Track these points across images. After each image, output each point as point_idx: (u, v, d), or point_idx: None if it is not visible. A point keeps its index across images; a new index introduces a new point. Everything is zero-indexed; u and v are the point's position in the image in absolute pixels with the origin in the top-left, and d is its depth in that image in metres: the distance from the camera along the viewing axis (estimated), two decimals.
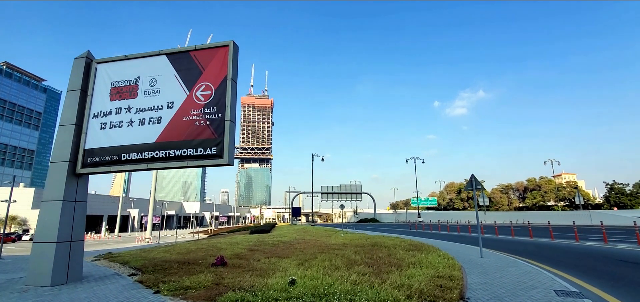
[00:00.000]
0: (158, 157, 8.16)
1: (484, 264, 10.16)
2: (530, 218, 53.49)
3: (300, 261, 10.39)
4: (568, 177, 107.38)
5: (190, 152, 7.97)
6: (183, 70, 8.67)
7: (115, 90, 9.08)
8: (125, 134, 8.58)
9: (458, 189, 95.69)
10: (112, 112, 8.88)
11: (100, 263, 13.32)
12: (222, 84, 8.26)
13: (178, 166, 8.03)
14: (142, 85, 8.88)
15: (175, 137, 8.18)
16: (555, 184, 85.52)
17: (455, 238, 22.97)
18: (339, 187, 74.43)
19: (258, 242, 19.73)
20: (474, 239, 22.18)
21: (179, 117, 8.29)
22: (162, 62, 8.90)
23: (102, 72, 9.36)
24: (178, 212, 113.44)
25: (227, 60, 8.38)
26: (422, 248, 12.74)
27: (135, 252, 16.57)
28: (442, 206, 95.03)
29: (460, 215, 70.99)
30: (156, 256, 14.18)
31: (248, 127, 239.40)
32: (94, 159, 8.62)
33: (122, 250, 21.63)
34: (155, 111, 8.53)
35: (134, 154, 8.33)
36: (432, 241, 18.11)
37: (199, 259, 12.20)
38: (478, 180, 11.50)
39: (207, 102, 8.21)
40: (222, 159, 7.73)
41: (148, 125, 8.48)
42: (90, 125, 8.94)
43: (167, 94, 8.60)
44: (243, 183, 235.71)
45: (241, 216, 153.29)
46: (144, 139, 8.38)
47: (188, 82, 8.54)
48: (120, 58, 9.34)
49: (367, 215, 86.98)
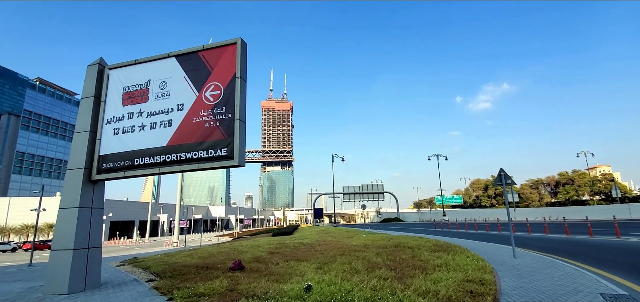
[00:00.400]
0: (170, 161, 7.99)
1: (518, 265, 9.35)
2: (564, 214, 50.62)
3: (319, 265, 9.97)
4: (603, 170, 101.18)
5: (201, 154, 7.74)
6: (192, 71, 8.48)
7: (127, 95, 9.03)
8: (137, 138, 8.49)
9: (484, 185, 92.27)
10: (125, 117, 8.83)
11: (123, 268, 13.46)
12: (231, 82, 7.99)
13: (189, 169, 7.82)
14: (153, 89, 8.77)
15: (185, 139, 7.98)
16: (589, 177, 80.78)
17: (484, 237, 21.82)
18: (360, 187, 73.45)
19: (279, 244, 19.51)
20: (504, 237, 20.98)
21: (189, 119, 8.09)
22: (172, 64, 8.75)
23: (114, 77, 9.34)
24: (204, 216, 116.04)
25: (235, 58, 8.11)
26: (449, 249, 12.00)
27: (159, 257, 16.74)
28: (468, 204, 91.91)
29: (488, 212, 68.28)
30: (178, 260, 14.18)
31: (269, 130, 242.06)
32: (108, 165, 8.57)
33: (148, 255, 22.03)
34: (165, 114, 8.38)
35: (147, 159, 8.21)
36: (459, 241, 17.22)
37: (218, 263, 12.06)
38: (508, 174, 10.66)
39: (217, 102, 7.96)
40: (232, 160, 7.45)
41: (159, 129, 8.34)
42: (104, 132, 8.92)
43: (177, 96, 8.44)
44: (266, 186, 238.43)
45: (265, 218, 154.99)
46: (155, 142, 8.25)
47: (197, 83, 8.33)
48: (131, 63, 9.29)
49: (390, 215, 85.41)
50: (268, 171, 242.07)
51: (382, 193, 74.46)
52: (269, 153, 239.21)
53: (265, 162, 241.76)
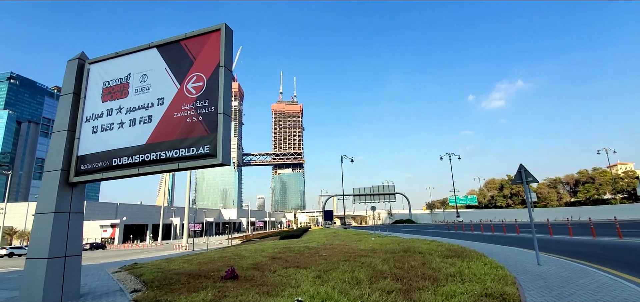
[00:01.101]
0: (149, 161, 7.24)
1: (544, 274, 8.23)
2: (585, 214, 48.25)
3: (318, 273, 9.07)
4: (625, 167, 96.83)
5: (183, 153, 6.96)
6: (173, 62, 7.73)
7: (106, 90, 8.35)
8: (116, 136, 7.78)
9: (500, 185, 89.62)
10: (104, 114, 8.14)
11: (118, 275, 12.86)
12: (214, 72, 7.20)
13: (169, 168, 7.05)
14: (133, 83, 8.06)
15: (166, 136, 7.22)
16: (611, 175, 77.29)
17: (501, 240, 20.50)
18: (371, 188, 72.13)
19: (284, 248, 18.71)
20: (523, 240, 19.62)
21: (170, 115, 7.33)
22: (153, 56, 8.03)
23: (94, 72, 8.69)
24: (217, 219, 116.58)
25: (219, 46, 7.30)
26: (464, 254, 10.91)
27: (158, 263, 16.13)
28: (482, 205, 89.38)
29: (504, 213, 66.01)
30: (175, 267, 13.49)
31: (279, 133, 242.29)
32: (86, 166, 7.89)
33: (151, 259, 21.49)
34: (145, 110, 7.65)
35: (125, 158, 7.48)
36: (475, 244, 16.03)
37: (214, 270, 11.30)
38: (529, 171, 9.53)
39: (199, 95, 7.17)
40: (215, 159, 6.63)
41: (139, 125, 7.61)
42: (83, 130, 8.25)
43: (157, 90, 7.70)
44: (278, 188, 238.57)
45: (276, 221, 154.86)
46: (134, 141, 7.52)
47: (179, 74, 7.57)
48: (111, 56, 8.61)
49: (402, 216, 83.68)
50: (279, 173, 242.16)
51: (393, 194, 72.96)
52: (280, 156, 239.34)
53: (276, 164, 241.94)
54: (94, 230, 74.95)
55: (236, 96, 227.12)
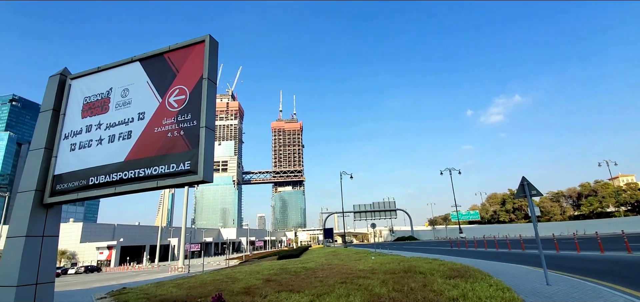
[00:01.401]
0: (127, 179, 6.77)
1: (555, 295, 7.62)
2: (590, 227, 47.29)
3: (312, 298, 8.47)
4: (626, 179, 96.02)
5: (162, 170, 6.50)
6: (156, 75, 7.36)
7: (87, 106, 7.95)
8: (94, 154, 7.34)
9: (501, 199, 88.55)
10: (83, 130, 7.72)
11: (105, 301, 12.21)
12: (197, 85, 6.82)
13: (148, 187, 6.58)
14: (114, 98, 7.68)
15: (146, 153, 6.78)
16: (613, 188, 76.44)
17: (506, 257, 19.77)
18: (371, 205, 71.11)
19: (280, 269, 18.02)
20: (529, 257, 18.90)
21: (150, 130, 6.91)
22: (135, 70, 7.67)
23: (75, 88, 8.32)
24: (216, 238, 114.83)
25: (203, 58, 6.95)
26: (467, 274, 10.29)
27: (147, 287, 15.44)
28: (485, 220, 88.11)
29: (508, 228, 64.84)
30: (162, 292, 12.83)
31: (279, 151, 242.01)
32: (61, 186, 7.42)
33: (142, 283, 20.73)
34: (125, 125, 7.23)
35: (102, 177, 7.02)
36: (479, 263, 15.36)
37: (202, 296, 10.68)
38: (532, 184, 9.03)
39: (181, 109, 6.77)
40: (196, 176, 6.17)
41: (118, 141, 7.17)
42: (60, 148, 7.82)
43: (138, 104, 7.30)
44: (278, 207, 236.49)
45: (277, 239, 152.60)
46: (112, 158, 7.07)
47: (161, 88, 7.19)
48: (93, 70, 8.26)
49: (404, 233, 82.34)
50: (280, 191, 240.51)
51: (394, 210, 71.92)
52: (280, 173, 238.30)
53: (276, 182, 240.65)
54: (91, 252, 73.49)
55: (236, 115, 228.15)
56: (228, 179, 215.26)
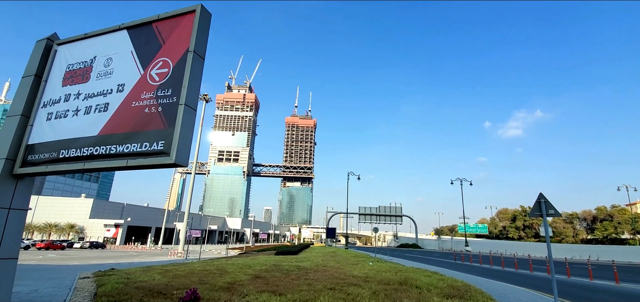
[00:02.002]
0: (97, 155, 6.20)
1: None
2: (605, 253, 45.22)
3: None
4: None
5: (134, 148, 5.90)
6: (141, 45, 6.77)
7: (69, 74, 7.43)
8: (68, 125, 6.80)
9: (512, 215, 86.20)
10: (61, 99, 7.19)
11: (81, 282, 11.80)
12: (182, 58, 6.18)
13: (117, 165, 5.98)
14: (97, 67, 7.12)
15: (120, 128, 6.19)
16: (630, 214, 73.38)
17: (512, 278, 18.68)
18: (377, 208, 69.95)
19: (273, 266, 17.42)
20: (537, 280, 17.78)
21: (128, 103, 6.32)
22: (122, 38, 7.09)
23: (61, 54, 7.82)
24: (221, 227, 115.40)
25: (191, 29, 6.31)
26: (467, 295, 9.41)
27: (134, 271, 14.99)
28: (493, 235, 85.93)
29: (516, 246, 62.78)
30: (145, 278, 12.30)
31: (291, 146, 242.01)
32: (33, 157, 6.91)
33: (136, 265, 20.46)
34: (103, 96, 6.66)
35: (73, 151, 6.47)
36: (482, 281, 14.41)
37: (182, 287, 10.10)
38: (550, 202, 8.10)
39: (162, 83, 6.15)
40: (168, 157, 5.54)
41: (93, 113, 6.61)
42: (37, 117, 7.31)
43: (119, 75, 6.72)
44: (285, 201, 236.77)
45: (281, 234, 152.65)
46: (86, 131, 6.51)
47: (144, 59, 6.59)
48: (80, 37, 7.73)
49: (408, 240, 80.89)
50: (288, 185, 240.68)
51: (400, 216, 70.64)
52: (289, 168, 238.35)
53: (285, 177, 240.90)
54: (98, 228, 74.57)
55: (252, 107, 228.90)
56: (238, 169, 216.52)
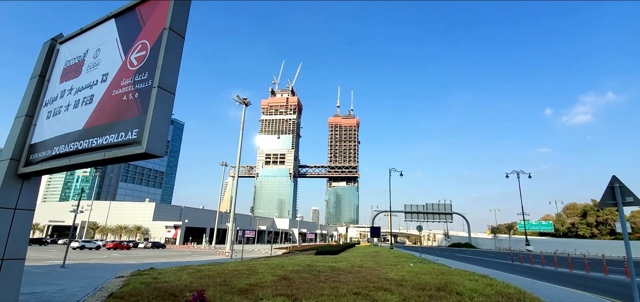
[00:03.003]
0: (82, 150, 5.85)
1: None
2: None
3: None
4: None
5: (111, 139, 5.42)
6: (125, 31, 6.36)
7: (65, 70, 7.31)
8: (61, 121, 6.62)
9: (582, 211, 76.87)
10: (58, 96, 7.07)
11: (111, 282, 12.02)
12: (159, 38, 5.59)
13: (96, 159, 5.56)
14: (87, 60, 6.87)
15: (102, 119, 5.79)
16: None
17: (582, 281, 15.96)
18: (424, 206, 66.28)
19: (307, 266, 16.73)
20: (613, 285, 14.96)
21: (109, 93, 5.90)
22: (109, 28, 6.76)
23: (62, 53, 7.77)
24: (270, 227, 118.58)
25: (168, 6, 5.70)
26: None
27: (167, 270, 15.13)
28: (560, 233, 77.30)
29: (588, 245, 55.52)
30: (171, 279, 12.14)
31: (335, 146, 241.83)
32: (34, 156, 6.83)
33: (172, 265, 20.92)
34: (90, 88, 6.35)
35: (63, 147, 6.22)
36: (541, 287, 12.30)
37: (195, 289, 9.63)
38: (627, 187, 6.22)
39: (140, 67, 5.62)
40: (139, 147, 4.94)
41: (81, 107, 6.33)
42: (40, 115, 7.27)
43: (104, 65, 6.37)
44: (332, 201, 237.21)
45: (328, 233, 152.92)
46: (74, 125, 6.24)
47: (126, 44, 6.15)
48: (76, 33, 7.59)
49: (461, 239, 75.74)
50: (333, 186, 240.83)
51: (450, 214, 66.26)
52: (334, 168, 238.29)
53: (331, 177, 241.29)
54: (160, 230, 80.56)
55: (295, 110, 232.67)
56: (285, 171, 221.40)
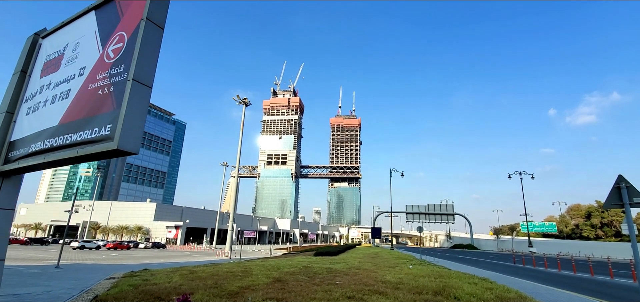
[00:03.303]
0: (57, 146, 5.58)
1: None
2: None
3: None
4: None
5: (86, 136, 5.15)
6: (104, 23, 6.10)
7: (46, 65, 7.06)
8: (39, 117, 6.36)
9: (586, 212, 76.06)
10: (37, 92, 6.82)
11: (100, 283, 11.74)
12: (136, 29, 5.31)
13: (69, 156, 5.30)
14: (67, 54, 6.62)
15: (77, 115, 5.52)
16: None
17: (585, 285, 15.56)
18: (426, 206, 65.75)
19: (303, 268, 16.45)
20: (618, 289, 14.56)
21: (85, 87, 5.64)
22: (89, 20, 6.50)
23: (43, 47, 7.51)
24: (271, 228, 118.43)
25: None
26: None
27: (160, 272, 14.81)
28: (563, 234, 76.53)
29: (592, 247, 54.81)
30: (161, 281, 11.80)
31: (337, 147, 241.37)
32: (13, 154, 6.57)
33: (167, 266, 20.62)
34: (67, 83, 6.10)
35: (39, 144, 5.96)
36: (543, 291, 11.93)
37: (184, 292, 9.38)
38: (634, 187, 5.86)
39: (116, 59, 5.35)
40: (111, 143, 4.66)
41: (57, 102, 6.07)
42: (20, 112, 7.02)
43: (82, 58, 6.11)
44: (334, 202, 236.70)
45: (329, 234, 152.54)
46: (50, 121, 5.98)
47: (104, 37, 5.89)
48: (58, 26, 7.34)
49: (463, 240, 75.09)
50: (335, 186, 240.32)
51: (451, 215, 65.69)
52: (336, 169, 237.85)
53: (332, 177, 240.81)
54: (161, 230, 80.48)
55: (297, 110, 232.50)
56: (286, 171, 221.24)
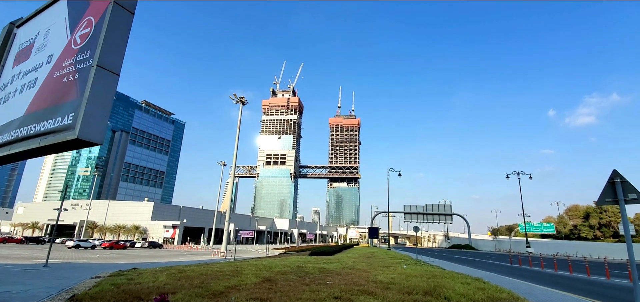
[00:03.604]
0: (22, 137, 5.30)
1: None
2: None
3: None
4: None
5: (49, 125, 4.86)
6: (74, 9, 5.81)
7: (18, 54, 6.78)
8: (9, 108, 6.09)
9: (584, 213, 75.90)
10: (9, 82, 6.53)
11: (84, 283, 11.43)
12: (104, 13, 5.03)
13: (32, 147, 5.02)
14: (37, 42, 6.34)
15: (42, 104, 5.25)
16: None
17: (581, 286, 15.31)
18: (423, 206, 65.47)
19: (296, 267, 16.21)
20: (615, 290, 14.31)
21: (51, 75, 5.36)
22: (61, 7, 6.20)
23: (18, 37, 7.22)
24: (269, 228, 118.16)
25: None
26: None
27: (148, 271, 14.49)
28: (561, 235, 76.35)
29: (590, 247, 54.57)
30: (147, 280, 11.49)
31: (336, 147, 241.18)
32: None
33: (159, 265, 20.28)
34: (35, 72, 5.82)
35: (6, 136, 5.68)
36: (537, 291, 11.67)
37: (166, 292, 9.10)
38: (630, 183, 5.58)
39: (83, 45, 5.06)
40: (72, 132, 4.37)
41: (25, 92, 5.79)
42: None
43: (50, 46, 5.83)
44: (332, 202, 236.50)
45: (328, 234, 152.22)
46: (17, 112, 5.70)
47: (73, 22, 5.61)
48: (31, 14, 7.06)
49: (461, 240, 74.84)
50: (334, 186, 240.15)
51: (450, 215, 65.42)
52: (335, 169, 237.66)
53: (331, 177, 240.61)
54: (159, 229, 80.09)
55: (296, 110, 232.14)
56: (285, 171, 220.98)
